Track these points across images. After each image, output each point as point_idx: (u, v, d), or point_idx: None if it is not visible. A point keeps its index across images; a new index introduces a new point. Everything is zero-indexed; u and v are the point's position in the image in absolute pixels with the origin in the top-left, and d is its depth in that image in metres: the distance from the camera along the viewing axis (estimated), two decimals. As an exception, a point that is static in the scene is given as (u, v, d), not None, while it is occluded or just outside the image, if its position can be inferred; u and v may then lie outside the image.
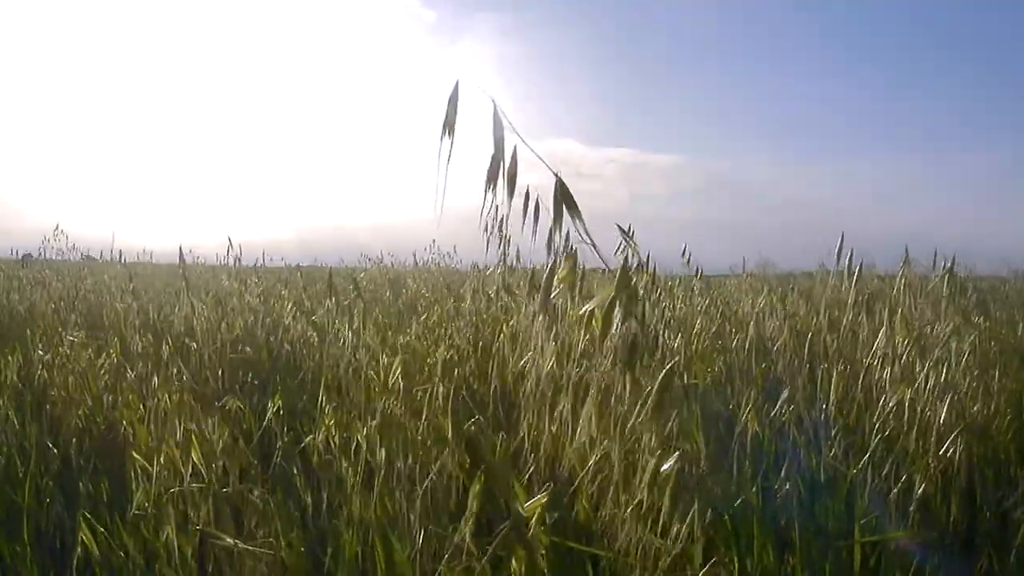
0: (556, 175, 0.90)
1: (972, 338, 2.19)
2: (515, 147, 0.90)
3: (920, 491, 1.80)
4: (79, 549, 1.58)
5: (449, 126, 0.90)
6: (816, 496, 1.86)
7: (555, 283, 0.94)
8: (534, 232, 0.95)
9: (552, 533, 1.34)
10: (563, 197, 0.90)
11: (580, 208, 0.91)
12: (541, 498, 1.00)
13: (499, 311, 2.48)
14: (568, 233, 0.95)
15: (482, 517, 1.53)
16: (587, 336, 0.94)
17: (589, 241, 0.92)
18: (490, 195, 0.91)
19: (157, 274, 5.41)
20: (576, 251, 0.94)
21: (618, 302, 0.90)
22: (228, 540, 1.11)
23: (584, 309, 0.94)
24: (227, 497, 1.63)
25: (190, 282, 5.09)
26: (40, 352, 3.03)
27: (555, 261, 0.94)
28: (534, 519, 0.99)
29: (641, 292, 1.99)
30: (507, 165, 0.91)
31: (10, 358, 2.87)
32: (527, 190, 0.93)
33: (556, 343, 0.94)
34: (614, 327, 0.91)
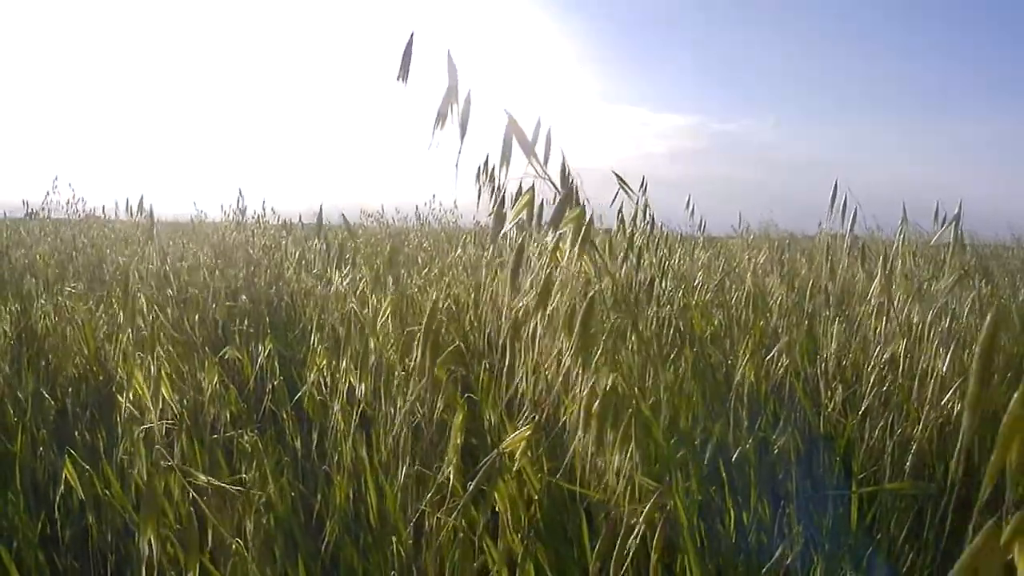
0: (507, 113, 0.92)
1: (972, 296, 2.16)
2: (469, 91, 0.92)
3: (915, 446, 1.77)
4: (62, 486, 1.57)
5: (405, 71, 0.93)
6: (814, 449, 1.84)
7: (511, 217, 0.94)
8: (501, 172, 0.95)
9: (545, 484, 1.32)
10: (515, 136, 0.91)
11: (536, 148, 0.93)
12: (525, 431, 0.97)
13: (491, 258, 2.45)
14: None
15: (469, 456, 1.51)
16: (553, 267, 0.93)
17: (545, 176, 0.92)
18: (437, 133, 0.92)
19: (163, 232, 5.37)
20: (533, 186, 0.93)
21: (571, 228, 0.89)
22: (202, 478, 1.09)
23: (546, 237, 0.94)
24: (217, 442, 1.62)
25: (195, 236, 5.09)
26: (41, 301, 3.01)
27: (501, 200, 0.95)
28: (518, 452, 0.97)
29: (639, 242, 1.96)
30: (461, 108, 0.92)
31: (7, 307, 2.85)
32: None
33: (524, 278, 0.93)
34: (566, 256, 0.90)
